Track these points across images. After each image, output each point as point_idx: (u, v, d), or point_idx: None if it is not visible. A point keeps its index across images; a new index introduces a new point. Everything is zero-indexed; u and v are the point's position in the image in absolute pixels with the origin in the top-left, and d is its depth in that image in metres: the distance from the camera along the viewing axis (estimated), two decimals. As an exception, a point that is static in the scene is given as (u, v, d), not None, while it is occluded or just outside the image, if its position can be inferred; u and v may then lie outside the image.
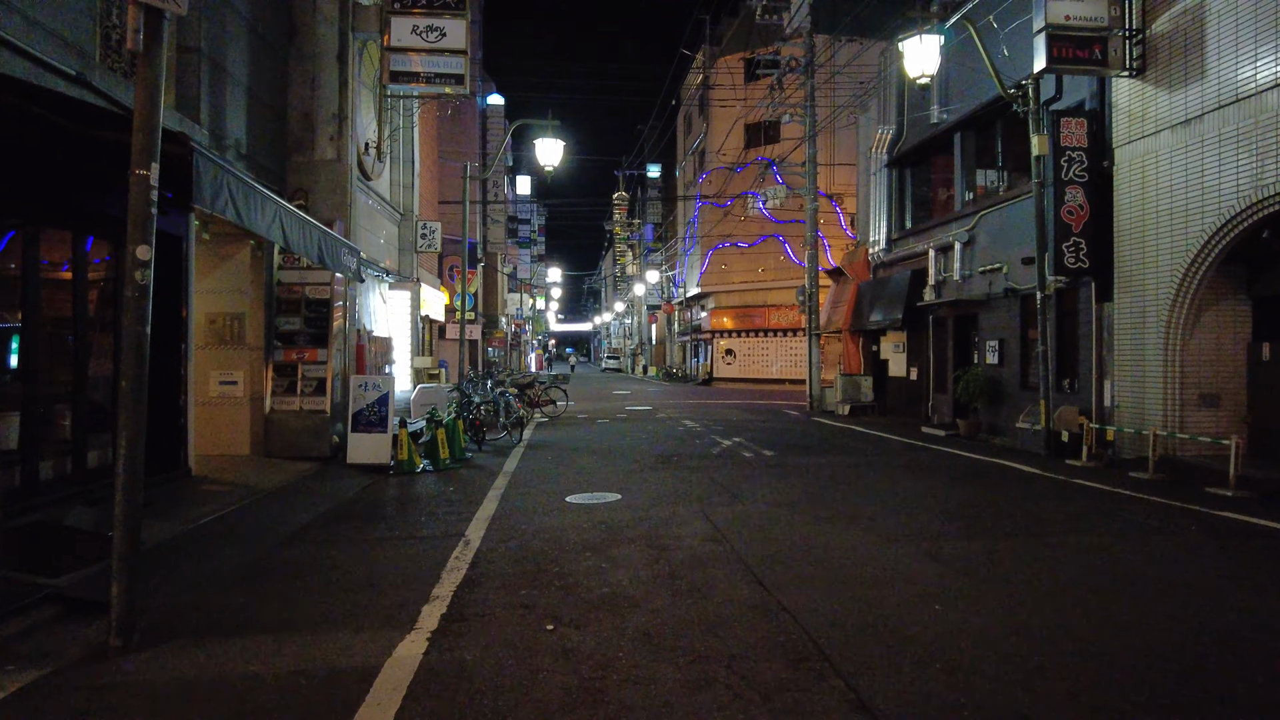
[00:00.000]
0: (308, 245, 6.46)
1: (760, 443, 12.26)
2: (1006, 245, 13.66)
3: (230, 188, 4.99)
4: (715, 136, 36.63)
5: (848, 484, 8.45)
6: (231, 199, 4.99)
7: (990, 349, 14.19)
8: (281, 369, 10.28)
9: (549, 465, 10.04)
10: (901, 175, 18.33)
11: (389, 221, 14.96)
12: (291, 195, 10.84)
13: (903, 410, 17.85)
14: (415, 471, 9.86)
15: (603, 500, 7.46)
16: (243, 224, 5.15)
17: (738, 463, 10.02)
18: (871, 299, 18.40)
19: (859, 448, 11.95)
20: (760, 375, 36.14)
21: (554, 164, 15.88)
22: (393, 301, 14.89)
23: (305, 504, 7.71)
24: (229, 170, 5.09)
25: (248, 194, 5.25)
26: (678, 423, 16.08)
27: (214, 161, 4.83)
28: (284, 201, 6.17)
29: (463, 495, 8.06)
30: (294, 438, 10.16)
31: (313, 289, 10.44)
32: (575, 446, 12.05)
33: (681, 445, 12.02)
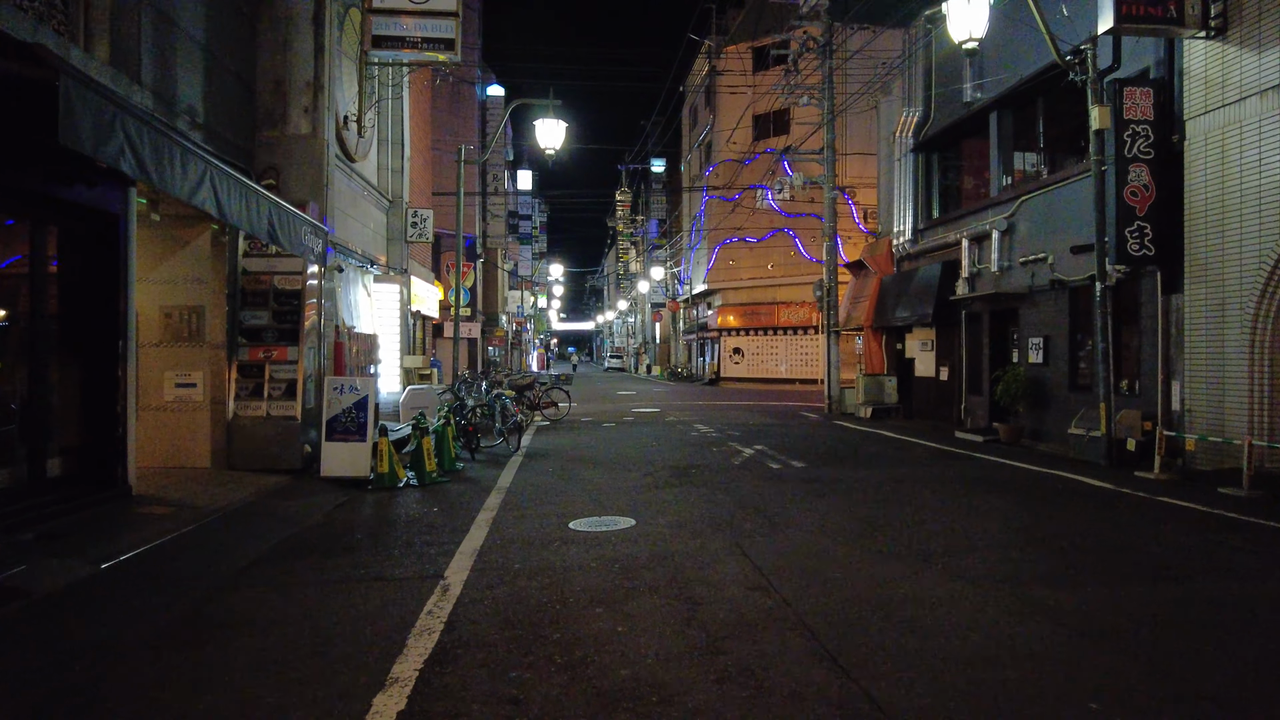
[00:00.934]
0: (253, 218, 5.26)
1: (785, 451, 11.04)
2: (1052, 233, 12.43)
3: (131, 134, 3.78)
4: (723, 128, 35.38)
5: (899, 504, 7.23)
6: (132, 149, 3.78)
7: (1033, 347, 12.96)
8: (247, 369, 9.08)
9: (550, 479, 8.82)
10: (928, 160, 17.09)
11: (376, 209, 13.76)
12: (261, 174, 9.63)
13: (931, 413, 16.62)
14: (397, 486, 8.65)
15: (613, 527, 6.24)
16: (152, 182, 3.94)
17: (765, 476, 8.80)
18: (896, 294, 17.17)
19: (895, 457, 10.72)
20: (769, 375, 34.92)
21: (556, 147, 14.68)
22: (380, 295, 13.70)
23: (262, 530, 6.50)
24: (130, 111, 3.88)
25: (159, 145, 4.05)
26: (689, 427, 14.86)
27: (103, 96, 3.63)
28: (218, 162, 4.95)
29: (448, 518, 6.85)
30: (260, 447, 8.96)
31: (282, 279, 9.24)
32: (579, 455, 10.84)
33: (697, 454, 10.80)
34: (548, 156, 14.73)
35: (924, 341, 16.87)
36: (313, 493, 8.24)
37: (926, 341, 16.76)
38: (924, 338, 16.85)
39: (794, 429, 14.65)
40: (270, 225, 5.51)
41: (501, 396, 11.25)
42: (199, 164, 4.43)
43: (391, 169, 14.32)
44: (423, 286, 16.77)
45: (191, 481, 8.13)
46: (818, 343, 33.67)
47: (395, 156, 14.40)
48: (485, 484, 8.62)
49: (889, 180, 18.69)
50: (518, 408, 11.42)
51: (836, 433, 14.12)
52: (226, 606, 4.49)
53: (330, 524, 6.81)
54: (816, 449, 11.39)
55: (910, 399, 17.52)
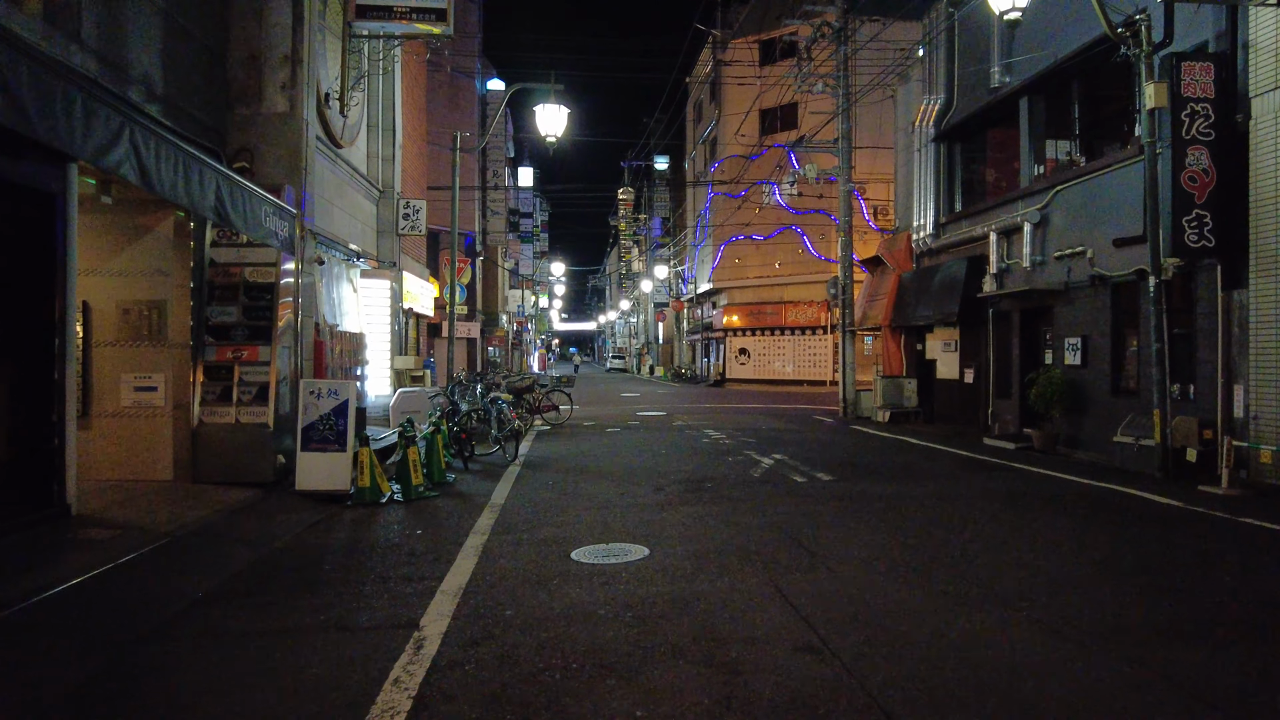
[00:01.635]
0: (193, 191, 4.36)
1: (806, 460, 10.13)
2: (1091, 225, 11.52)
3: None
4: (729, 122, 34.48)
5: (949, 528, 6.32)
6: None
7: (1070, 348, 12.04)
8: (214, 371, 8.18)
9: (549, 494, 7.92)
10: (951, 151, 16.18)
11: (365, 199, 12.86)
12: (234, 156, 8.75)
13: (954, 417, 15.70)
14: (379, 502, 7.76)
15: (623, 558, 5.33)
16: (34, 132, 3.04)
17: (791, 492, 7.88)
18: (917, 291, 16.26)
19: (927, 468, 9.81)
20: (776, 376, 34.00)
21: (557, 134, 13.78)
22: (368, 291, 12.81)
23: (216, 558, 5.61)
24: (5, 40, 2.98)
25: (43, 83, 3.14)
26: (700, 432, 13.95)
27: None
28: (139, 117, 4.05)
29: (432, 544, 5.95)
30: (229, 458, 8.06)
31: (254, 271, 8.34)
32: (582, 465, 9.93)
33: (712, 464, 9.89)
34: (549, 144, 13.82)
35: (947, 342, 15.96)
36: (284, 510, 7.35)
37: (949, 342, 15.84)
38: (947, 338, 15.94)
39: (811, 435, 13.74)
40: (218, 202, 4.62)
41: (498, 401, 10.34)
42: (112, 117, 3.55)
43: (382, 157, 13.42)
44: (416, 283, 15.87)
45: (147, 497, 7.23)
46: (826, 343, 32.78)
47: (386, 144, 13.49)
48: (478, 500, 7.72)
49: (907, 172, 17.78)
50: (515, 413, 10.50)
51: (856, 439, 13.21)
52: (145, 667, 3.60)
53: (297, 550, 5.91)
54: (840, 458, 10.48)
55: (931, 402, 16.60)
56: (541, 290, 63.60)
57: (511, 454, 10.21)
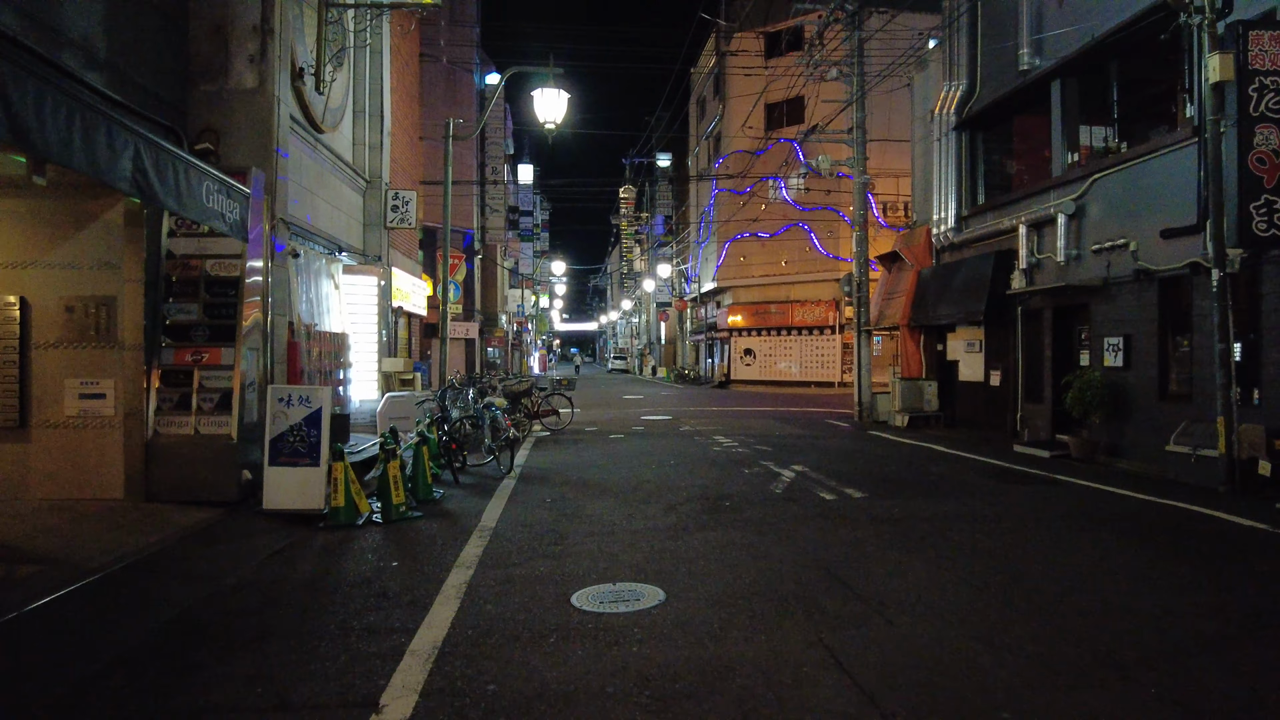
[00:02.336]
0: (97, 154, 3.46)
1: (832, 473, 9.22)
2: (1134, 216, 10.63)
3: None
4: (733, 117, 33.60)
5: (1014, 559, 5.42)
6: None
7: (1110, 348, 11.14)
8: (171, 376, 7.30)
9: (547, 515, 7.02)
10: (973, 140, 15.28)
11: (349, 189, 11.97)
12: (197, 137, 7.87)
13: (978, 422, 14.80)
14: (355, 524, 6.87)
15: (634, 604, 4.43)
16: None
17: (820, 512, 6.98)
18: (938, 288, 15.36)
19: (964, 481, 8.91)
20: (782, 378, 33.10)
21: (556, 121, 12.88)
22: (354, 288, 11.93)
23: (144, 603, 4.73)
24: None
25: None
26: (709, 439, 13.05)
27: None
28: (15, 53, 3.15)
29: (409, 581, 5.06)
30: (187, 473, 7.17)
31: (216, 264, 7.46)
32: (584, 479, 9.03)
33: (728, 477, 8.99)
34: (547, 131, 12.92)
35: (970, 342, 15.06)
36: (246, 534, 6.47)
37: (973, 342, 14.95)
38: (970, 337, 15.05)
39: (829, 442, 12.83)
40: (138, 172, 3.73)
41: (491, 407, 9.43)
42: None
43: (369, 144, 12.53)
44: (408, 280, 14.98)
45: (89, 521, 6.35)
46: (834, 344, 31.88)
47: (373, 130, 12.61)
48: (466, 522, 6.83)
49: (926, 164, 16.88)
50: (509, 420, 9.59)
51: (878, 447, 12.30)
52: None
53: (250, 588, 5.02)
54: (867, 470, 9.57)
55: (953, 406, 15.70)
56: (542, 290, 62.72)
57: (506, 465, 9.31)
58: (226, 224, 5.16)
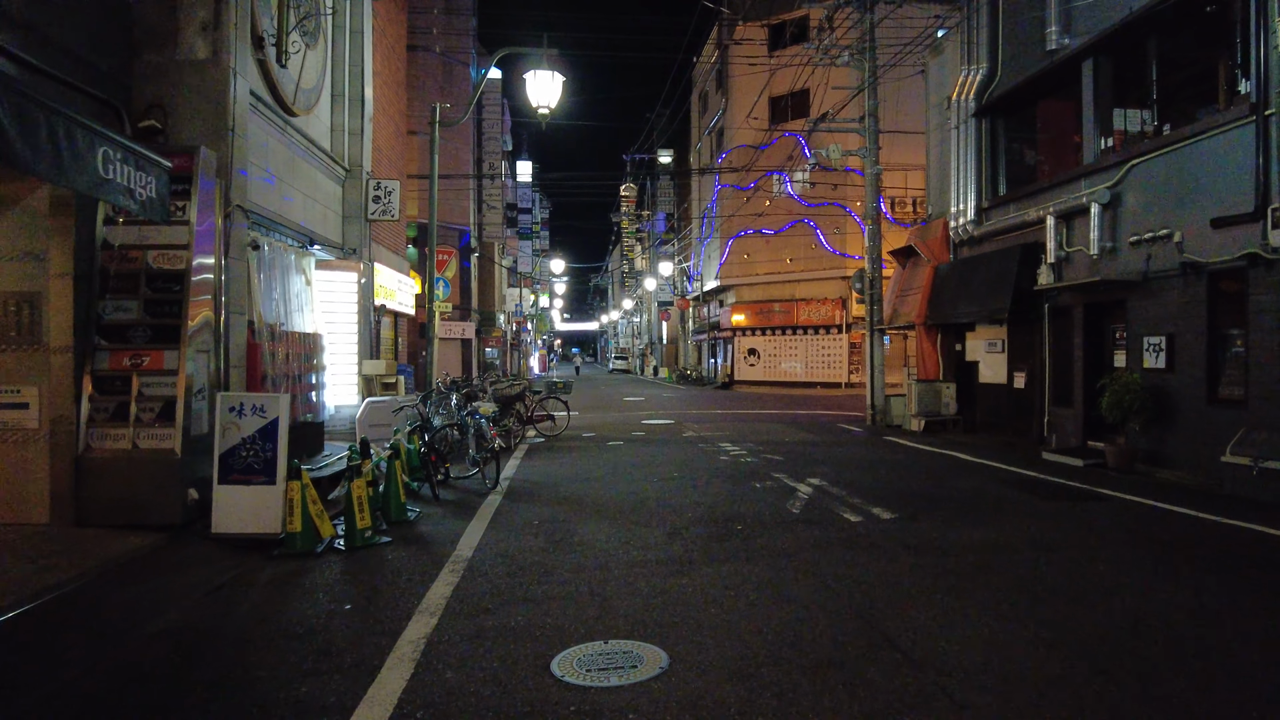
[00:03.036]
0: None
1: (852, 487, 8.33)
2: (1179, 203, 9.75)
3: None
4: (736, 111, 32.70)
5: (1088, 603, 4.53)
6: None
7: (1151, 348, 10.25)
8: (106, 382, 6.43)
9: (532, 542, 6.13)
10: (994, 127, 14.39)
11: (327, 178, 11.11)
12: (143, 114, 7.01)
13: (999, 426, 13.92)
14: (314, 551, 6.00)
15: (631, 675, 3.52)
16: None
17: (848, 539, 6.08)
18: (956, 284, 14.47)
19: (1001, 497, 8.02)
20: (787, 378, 32.20)
21: (550, 105, 12.00)
22: (330, 285, 11.08)
23: (32, 666, 3.86)
24: None
25: None
26: (715, 446, 12.17)
27: None
28: None
29: (358, 631, 4.20)
30: (124, 493, 6.30)
31: (160, 255, 6.59)
32: (578, 494, 8.15)
33: (737, 492, 8.10)
34: (541, 117, 12.04)
35: (991, 341, 14.17)
36: (185, 565, 5.61)
37: (995, 341, 14.05)
38: (992, 337, 14.16)
39: (843, 450, 11.94)
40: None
41: (476, 414, 8.54)
42: None
43: (349, 130, 11.67)
44: (393, 277, 14.10)
45: (2, 551, 5.48)
46: (841, 343, 30.98)
47: (354, 116, 11.75)
48: (438, 550, 5.95)
49: (942, 153, 15.99)
50: (495, 429, 8.69)
51: (897, 455, 11.41)
52: None
53: (171, 639, 4.16)
54: (890, 484, 8.68)
55: (972, 409, 14.81)
56: (542, 289, 61.85)
57: (492, 479, 8.41)
58: (136, 201, 4.30)
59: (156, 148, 6.65)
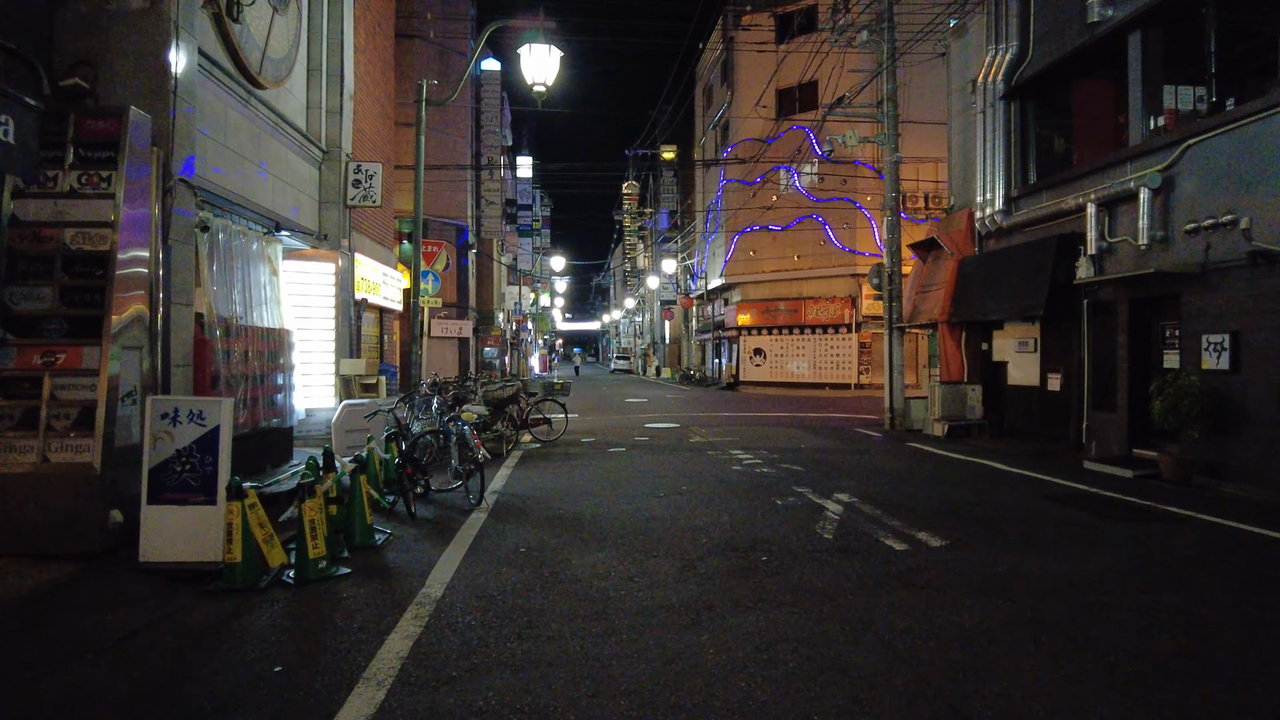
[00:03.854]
0: None
1: (887, 505, 7.32)
2: (1247, 186, 8.74)
3: None
4: (742, 103, 31.68)
5: (1255, 690, 3.52)
6: None
7: (1212, 347, 9.23)
8: (12, 384, 5.45)
9: (517, 577, 5.12)
10: (1024, 110, 13.38)
11: (300, 159, 10.12)
12: (68, 71, 6.03)
13: (1030, 432, 12.91)
14: (257, 587, 5.02)
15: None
16: None
17: (898, 576, 5.05)
18: (984, 279, 13.46)
19: (1055, 516, 7.02)
20: (795, 379, 31.18)
21: (547, 82, 11.01)
22: (304, 276, 10.11)
23: None
24: None
25: None
26: (726, 454, 11.17)
27: None
28: None
29: (282, 708, 3.20)
30: (32, 515, 5.32)
31: (80, 235, 5.61)
32: (573, 514, 7.14)
33: (758, 512, 7.09)
34: (537, 94, 11.04)
35: (1022, 340, 13.15)
36: (99, 605, 4.64)
37: (1026, 340, 13.04)
38: (1022, 335, 13.14)
39: (866, 458, 10.93)
40: None
41: (459, 421, 7.53)
42: None
43: (326, 109, 10.69)
44: (378, 270, 13.11)
45: None
46: (850, 343, 29.95)
47: (331, 93, 10.76)
48: (403, 587, 4.96)
49: (965, 140, 15.00)
50: (480, 437, 7.66)
51: (927, 465, 10.41)
52: None
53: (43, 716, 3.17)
54: (928, 500, 7.67)
55: (1000, 413, 13.79)
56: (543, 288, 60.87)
57: (476, 493, 7.40)
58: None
59: (84, 111, 5.68)
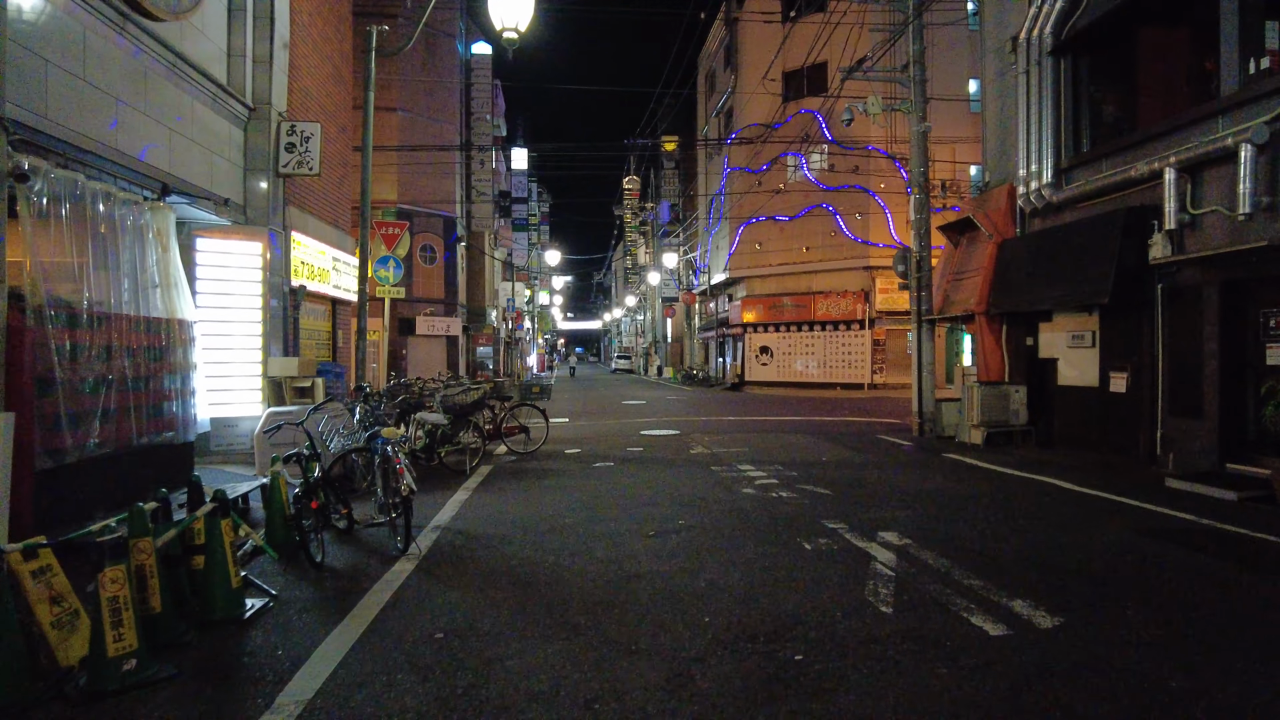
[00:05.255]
0: None
1: (954, 550, 5.49)
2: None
3: None
4: (748, 83, 29.80)
5: None
6: None
7: (1339, 339, 7.40)
8: None
9: (410, 701, 3.29)
10: (1077, 67, 11.55)
11: (216, 115, 8.33)
12: None
13: (1086, 441, 11.08)
14: (21, 707, 3.22)
15: None
16: None
17: (1006, 690, 3.26)
18: (1030, 264, 11.63)
19: (1184, 565, 5.21)
20: (804, 379, 29.34)
21: (519, 27, 9.21)
22: (224, 257, 8.34)
23: None
24: None
25: None
26: (733, 470, 9.36)
27: None
28: None
29: None
30: None
31: None
32: (526, 569, 5.29)
33: (780, 564, 5.24)
34: (508, 42, 9.24)
35: (1076, 334, 11.32)
36: None
37: (1081, 334, 11.21)
38: (1077, 328, 11.31)
39: (904, 476, 9.10)
40: None
41: (381, 441, 5.69)
42: None
43: (253, 58, 8.90)
44: (325, 254, 11.30)
45: None
46: (863, 340, 28.08)
47: (260, 38, 8.97)
48: (243, 711, 3.16)
49: (1002, 107, 13.18)
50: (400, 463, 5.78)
51: (978, 484, 8.59)
52: None
53: None
54: (1003, 540, 5.84)
55: (1048, 419, 11.96)
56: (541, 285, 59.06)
57: (399, 539, 5.54)
58: None
59: None
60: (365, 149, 9.53)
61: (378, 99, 28.24)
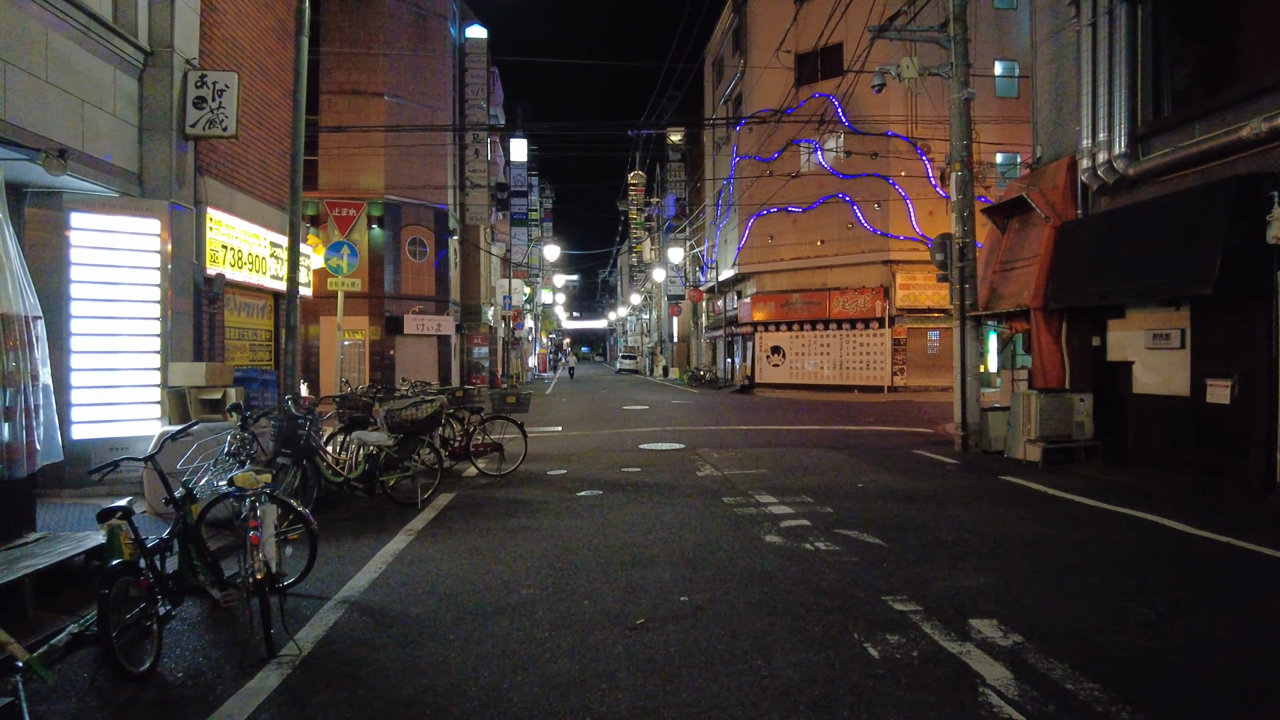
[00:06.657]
0: None
1: (1086, 657, 3.69)
2: None
3: None
4: (758, 65, 27.92)
5: None
6: None
7: None
8: None
9: None
10: (1157, 14, 9.70)
11: (92, 56, 6.57)
12: None
13: (1169, 460, 9.23)
14: None
15: None
16: None
17: None
18: (1099, 249, 9.78)
19: None
20: (818, 381, 27.46)
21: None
22: (110, 238, 6.59)
23: None
24: None
25: None
26: (751, 503, 7.54)
27: None
28: None
29: None
30: None
31: None
32: (447, 700, 3.53)
33: (834, 690, 3.46)
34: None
35: (1159, 332, 9.46)
36: None
37: (1165, 332, 9.34)
38: (1159, 325, 9.45)
39: (968, 513, 7.24)
40: None
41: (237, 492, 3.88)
42: None
43: (152, -10, 7.11)
44: (261, 239, 9.52)
45: None
46: (883, 339, 26.17)
47: (163, -31, 7.19)
48: None
49: (1059, 71, 11.34)
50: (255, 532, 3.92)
51: (1065, 524, 6.76)
52: None
53: None
54: (1143, 629, 4.03)
55: (1121, 433, 10.10)
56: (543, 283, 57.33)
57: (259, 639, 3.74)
58: None
59: None
60: (298, 104, 7.73)
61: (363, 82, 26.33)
